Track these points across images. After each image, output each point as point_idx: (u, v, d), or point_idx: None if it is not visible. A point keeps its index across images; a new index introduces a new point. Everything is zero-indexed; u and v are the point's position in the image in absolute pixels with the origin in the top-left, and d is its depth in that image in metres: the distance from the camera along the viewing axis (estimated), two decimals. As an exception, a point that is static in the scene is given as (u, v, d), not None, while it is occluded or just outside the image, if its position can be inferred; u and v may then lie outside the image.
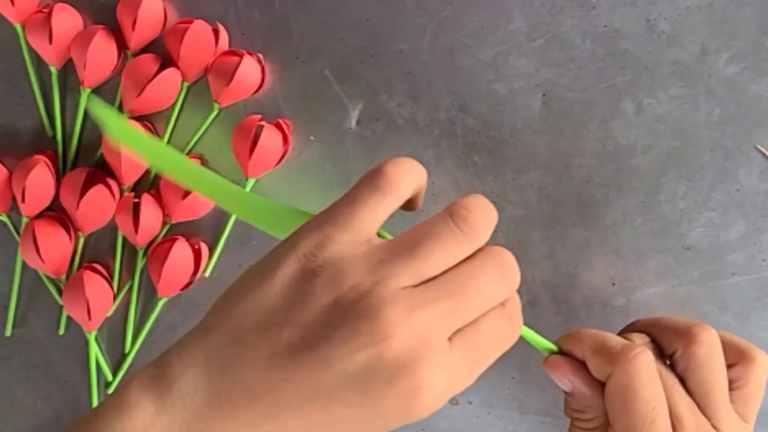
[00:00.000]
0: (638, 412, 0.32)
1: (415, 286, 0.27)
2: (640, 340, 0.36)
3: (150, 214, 0.42)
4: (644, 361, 0.33)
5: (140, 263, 0.43)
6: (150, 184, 0.43)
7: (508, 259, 0.30)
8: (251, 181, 0.42)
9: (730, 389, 0.35)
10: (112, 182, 0.42)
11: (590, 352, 0.34)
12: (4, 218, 0.43)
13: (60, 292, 0.43)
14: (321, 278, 0.27)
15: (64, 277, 0.43)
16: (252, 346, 0.27)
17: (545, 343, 0.35)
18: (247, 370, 0.27)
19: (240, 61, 0.41)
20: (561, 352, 0.35)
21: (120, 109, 0.43)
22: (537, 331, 0.35)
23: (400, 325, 0.26)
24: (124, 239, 0.43)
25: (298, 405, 0.27)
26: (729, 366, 0.35)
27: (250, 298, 0.28)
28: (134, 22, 0.41)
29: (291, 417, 0.27)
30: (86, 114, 0.43)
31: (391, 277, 0.27)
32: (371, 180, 0.29)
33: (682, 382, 0.35)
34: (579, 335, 0.35)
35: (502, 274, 0.29)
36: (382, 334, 0.26)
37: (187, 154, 0.43)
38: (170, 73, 0.42)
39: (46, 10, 0.42)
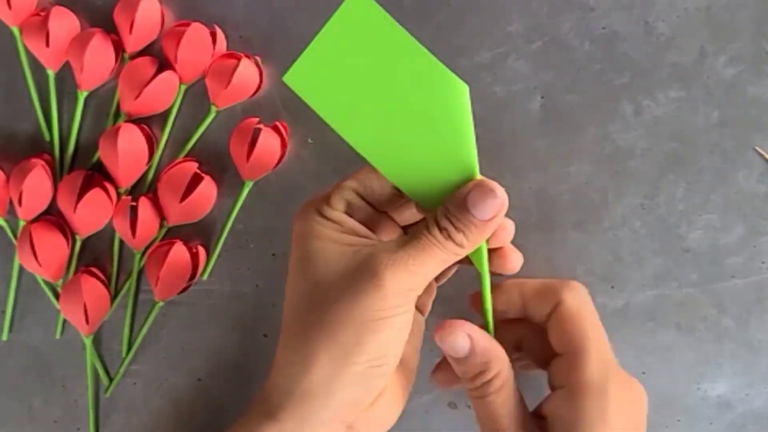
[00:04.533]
0: (596, 324, 0.35)
1: None
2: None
3: (147, 217, 0.42)
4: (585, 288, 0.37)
5: (137, 266, 0.43)
6: (147, 187, 0.43)
7: None
8: (248, 184, 0.42)
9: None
10: (109, 185, 0.42)
11: (533, 289, 0.37)
12: (1, 222, 0.43)
13: (57, 295, 0.43)
14: None
15: (61, 280, 0.43)
16: None
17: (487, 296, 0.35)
18: None
19: (238, 64, 0.41)
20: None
21: (117, 111, 0.43)
22: None
23: None
24: (122, 242, 0.43)
25: None
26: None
27: None
28: (131, 25, 0.41)
29: None
30: (83, 117, 0.43)
31: None
32: None
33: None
34: (510, 283, 0.37)
35: None
36: None
37: (185, 156, 0.43)
38: (168, 75, 0.42)
39: (43, 13, 0.42)
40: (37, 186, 0.41)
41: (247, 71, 0.41)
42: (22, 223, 0.42)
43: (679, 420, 0.41)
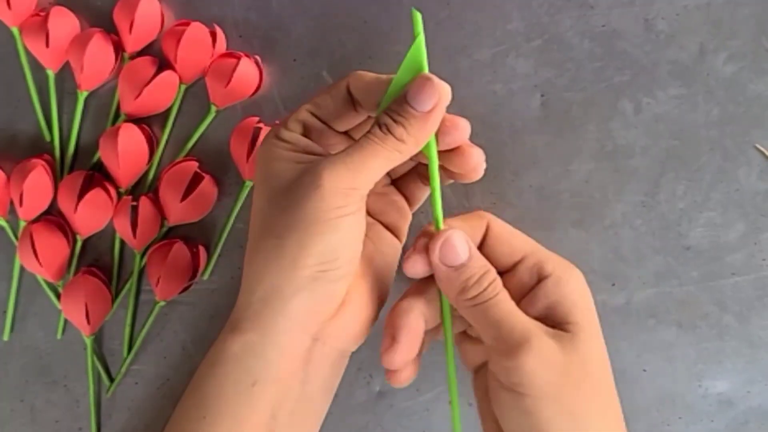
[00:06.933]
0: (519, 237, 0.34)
1: None
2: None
3: (148, 216, 0.42)
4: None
5: (138, 266, 0.43)
6: (148, 186, 0.43)
7: None
8: (249, 184, 0.42)
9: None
10: (109, 185, 0.42)
11: (459, 220, 0.35)
12: (2, 222, 0.43)
13: (58, 296, 0.43)
14: None
15: (62, 281, 0.43)
16: None
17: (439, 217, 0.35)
18: None
19: (237, 63, 0.41)
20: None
21: (117, 111, 0.43)
22: None
23: None
24: (122, 242, 0.43)
25: None
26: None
27: None
28: (131, 25, 0.41)
29: None
30: (83, 117, 0.43)
31: None
32: None
33: None
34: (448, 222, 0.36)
35: None
36: None
37: (185, 156, 0.43)
38: (167, 75, 0.42)
39: (42, 14, 0.42)
40: (37, 186, 0.41)
41: (246, 71, 0.41)
42: (22, 224, 0.42)
43: (680, 417, 0.42)
